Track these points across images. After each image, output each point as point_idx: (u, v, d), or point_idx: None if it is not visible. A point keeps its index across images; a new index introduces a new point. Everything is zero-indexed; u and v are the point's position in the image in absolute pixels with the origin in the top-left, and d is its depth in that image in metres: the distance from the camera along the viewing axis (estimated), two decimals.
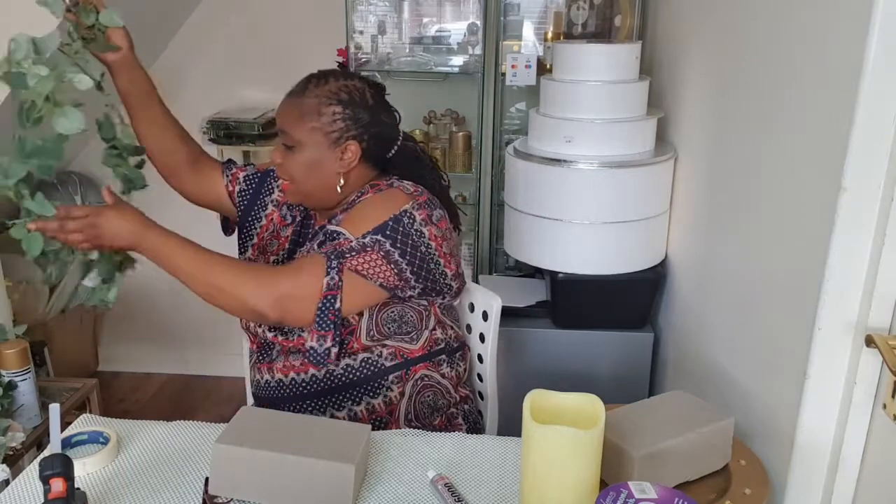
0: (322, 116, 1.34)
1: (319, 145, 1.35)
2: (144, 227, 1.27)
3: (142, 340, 3.27)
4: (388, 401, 1.40)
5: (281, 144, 1.39)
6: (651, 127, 1.99)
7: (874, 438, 1.12)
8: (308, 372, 1.37)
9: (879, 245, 1.06)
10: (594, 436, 0.97)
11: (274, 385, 1.40)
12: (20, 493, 1.11)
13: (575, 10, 2.51)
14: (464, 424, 1.50)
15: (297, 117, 1.36)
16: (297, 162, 1.36)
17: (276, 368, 1.40)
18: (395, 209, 1.33)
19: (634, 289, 2.02)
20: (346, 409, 1.38)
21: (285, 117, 1.38)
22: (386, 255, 1.30)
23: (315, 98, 1.35)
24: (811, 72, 1.20)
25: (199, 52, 2.93)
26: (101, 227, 1.24)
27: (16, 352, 1.84)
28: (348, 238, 1.31)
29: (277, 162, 1.39)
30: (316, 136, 1.35)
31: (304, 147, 1.35)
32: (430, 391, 1.45)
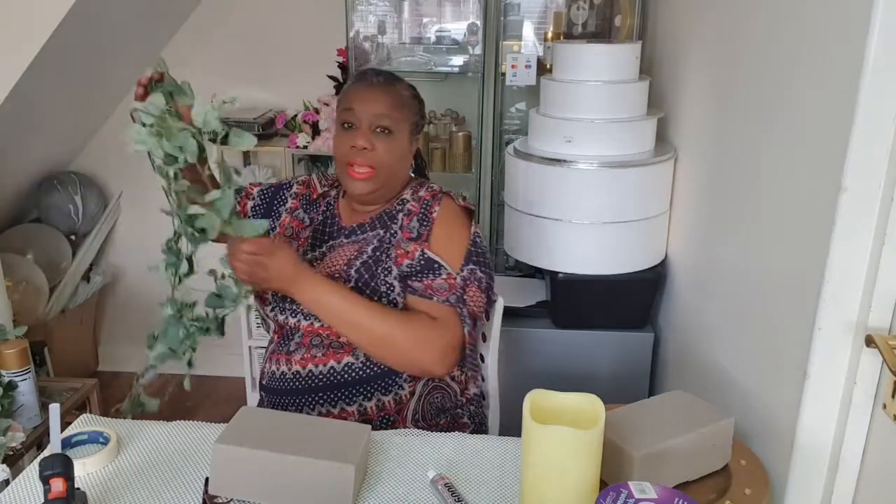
0: (412, 109, 1.45)
1: (407, 136, 1.44)
2: (309, 275, 1.30)
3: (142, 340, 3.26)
4: (398, 399, 1.40)
5: (367, 131, 1.39)
6: (651, 127, 1.99)
7: (874, 438, 1.12)
8: (327, 364, 1.38)
9: (879, 245, 1.06)
10: (594, 436, 0.97)
11: (290, 377, 1.40)
12: (20, 493, 1.11)
13: (575, 10, 2.51)
14: (470, 424, 1.51)
15: (398, 106, 1.42)
16: (389, 148, 1.40)
17: (294, 360, 1.40)
18: (468, 229, 1.43)
19: (634, 289, 2.02)
20: (356, 405, 1.38)
21: (385, 104, 1.40)
22: (479, 284, 1.39)
23: (407, 91, 1.45)
24: (811, 72, 1.20)
25: (199, 51, 2.93)
26: (268, 267, 1.25)
27: (16, 352, 1.84)
28: (452, 274, 1.37)
29: (365, 146, 1.38)
30: (407, 126, 1.44)
31: (398, 135, 1.41)
32: (440, 392, 1.46)
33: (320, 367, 1.38)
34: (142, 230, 3.15)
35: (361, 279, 1.37)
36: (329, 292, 1.30)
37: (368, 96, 1.40)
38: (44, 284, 2.81)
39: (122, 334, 3.28)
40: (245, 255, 1.23)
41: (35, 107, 2.45)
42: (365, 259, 1.40)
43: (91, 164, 3.06)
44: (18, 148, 2.62)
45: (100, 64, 2.61)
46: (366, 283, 1.37)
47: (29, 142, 2.66)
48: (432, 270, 1.37)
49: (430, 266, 1.37)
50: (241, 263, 1.24)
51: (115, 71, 2.81)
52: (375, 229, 1.44)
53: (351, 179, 1.40)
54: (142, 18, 2.63)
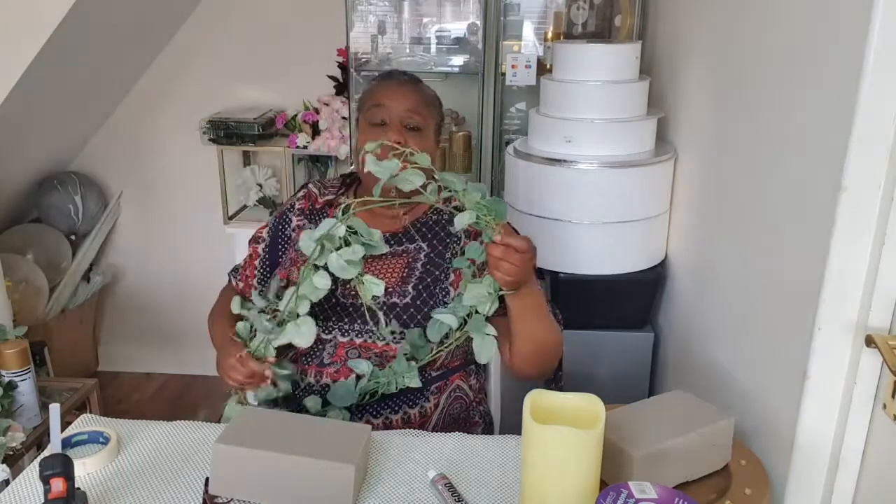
0: (438, 108, 1.46)
1: (433, 135, 1.43)
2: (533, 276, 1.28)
3: (142, 340, 3.27)
4: (423, 412, 1.38)
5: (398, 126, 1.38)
6: (651, 127, 1.99)
7: (874, 438, 1.12)
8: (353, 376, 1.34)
9: (879, 245, 1.06)
10: (594, 436, 0.97)
11: (318, 389, 1.36)
12: (20, 493, 1.11)
13: (575, 10, 2.51)
14: (481, 423, 1.50)
15: (428, 104, 1.42)
16: (421, 144, 1.37)
17: (326, 372, 1.35)
18: None
19: (634, 289, 2.02)
20: (382, 417, 1.37)
21: (414, 101, 1.40)
22: None
23: (431, 93, 1.46)
24: (811, 71, 1.20)
25: (199, 51, 2.93)
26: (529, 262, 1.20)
27: (16, 352, 1.84)
28: None
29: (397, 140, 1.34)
30: (433, 125, 1.43)
31: (426, 132, 1.41)
32: (459, 402, 1.44)
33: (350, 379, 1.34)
34: (142, 230, 3.15)
35: (420, 297, 1.35)
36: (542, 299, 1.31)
37: (399, 93, 1.40)
38: (44, 284, 2.81)
39: (122, 334, 3.28)
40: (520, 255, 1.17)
41: (35, 107, 2.45)
42: (420, 276, 1.37)
43: (91, 164, 3.07)
44: (18, 148, 2.62)
45: (100, 64, 2.61)
46: (424, 302, 1.34)
47: (29, 142, 2.66)
48: None
49: None
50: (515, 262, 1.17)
51: (116, 71, 2.81)
52: (416, 241, 1.40)
53: None
54: (142, 18, 2.63)
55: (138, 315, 3.24)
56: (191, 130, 2.88)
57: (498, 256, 1.18)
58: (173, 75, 2.97)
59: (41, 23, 2.11)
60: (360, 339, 1.35)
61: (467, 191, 1.20)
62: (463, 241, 1.40)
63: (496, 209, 1.19)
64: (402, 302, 1.35)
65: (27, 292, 2.76)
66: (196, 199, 3.05)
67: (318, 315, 1.36)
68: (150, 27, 2.76)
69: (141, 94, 2.99)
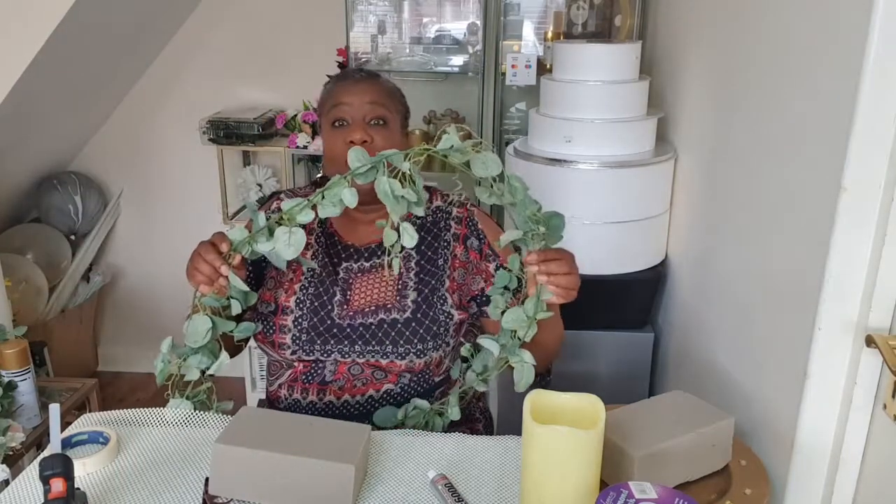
0: (401, 99, 1.41)
1: (399, 127, 1.39)
2: None
3: (142, 340, 3.26)
4: None
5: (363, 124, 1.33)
6: (651, 127, 1.99)
7: (874, 438, 1.12)
8: (366, 393, 1.33)
9: (879, 245, 1.06)
10: (594, 436, 0.97)
11: (321, 407, 1.34)
12: (20, 493, 1.11)
13: (575, 10, 2.51)
14: (481, 419, 1.50)
15: (389, 95, 1.38)
16: (387, 138, 1.33)
17: (329, 390, 1.34)
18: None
19: (634, 289, 2.02)
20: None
21: (377, 94, 1.36)
22: None
23: (390, 84, 1.41)
24: (811, 71, 1.20)
25: (198, 51, 2.93)
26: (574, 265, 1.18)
27: (16, 352, 1.84)
28: None
29: (363, 139, 1.31)
30: (399, 117, 1.39)
31: (392, 125, 1.36)
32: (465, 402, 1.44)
33: (357, 397, 1.33)
34: (142, 230, 3.15)
35: (419, 310, 1.33)
36: None
37: (357, 89, 1.35)
38: (44, 284, 2.81)
39: (122, 334, 3.28)
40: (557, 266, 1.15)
41: (35, 107, 2.45)
42: (415, 286, 1.34)
43: (91, 164, 3.07)
44: (18, 148, 2.62)
45: (100, 64, 2.61)
46: (424, 314, 1.32)
47: (29, 142, 2.66)
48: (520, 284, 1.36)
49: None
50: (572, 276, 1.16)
51: (116, 71, 2.81)
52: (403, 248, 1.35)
53: None
54: (142, 18, 2.63)
55: (138, 315, 3.24)
56: (191, 130, 2.88)
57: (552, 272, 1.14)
58: (173, 75, 2.97)
59: (41, 23, 2.11)
60: (361, 358, 1.32)
61: (524, 202, 1.13)
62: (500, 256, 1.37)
63: (552, 225, 1.13)
64: (402, 318, 1.32)
65: (27, 292, 2.76)
66: (196, 198, 3.05)
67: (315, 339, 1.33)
68: (150, 27, 2.76)
69: (141, 94, 2.99)
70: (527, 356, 1.21)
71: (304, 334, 1.33)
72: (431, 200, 1.42)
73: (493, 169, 1.14)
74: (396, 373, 1.33)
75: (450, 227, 1.39)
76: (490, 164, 1.13)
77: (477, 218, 1.41)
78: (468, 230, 1.39)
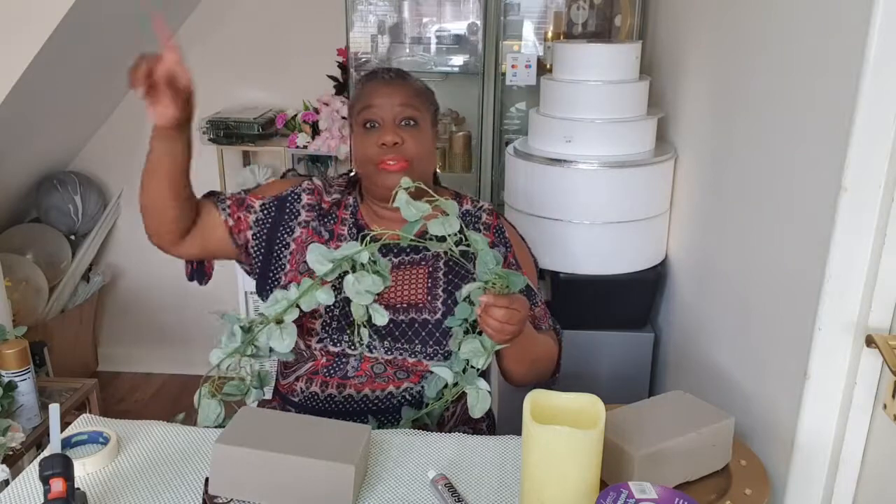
0: (430, 98, 1.42)
1: (430, 127, 1.40)
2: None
3: (142, 340, 3.27)
4: (441, 420, 1.38)
5: (394, 126, 1.34)
6: (651, 127, 1.99)
7: (874, 438, 1.12)
8: (386, 389, 1.33)
9: (879, 245, 1.06)
10: (594, 436, 0.97)
11: (340, 400, 1.34)
12: (20, 493, 1.11)
13: (575, 10, 2.51)
14: (485, 418, 1.49)
15: (420, 96, 1.39)
16: (418, 140, 1.35)
17: (350, 384, 1.34)
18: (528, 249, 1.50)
19: (634, 289, 2.02)
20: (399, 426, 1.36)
21: (405, 94, 1.36)
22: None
23: (420, 83, 1.42)
24: (812, 71, 1.20)
25: (198, 51, 2.93)
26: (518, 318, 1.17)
27: (16, 352, 1.84)
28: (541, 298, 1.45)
29: (395, 141, 1.32)
30: (429, 116, 1.40)
31: (423, 126, 1.37)
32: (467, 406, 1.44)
33: (377, 392, 1.34)
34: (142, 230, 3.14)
35: (451, 311, 1.32)
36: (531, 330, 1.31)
37: (387, 91, 1.35)
38: (44, 284, 2.81)
39: (122, 334, 3.28)
40: (502, 313, 1.15)
41: (35, 107, 2.45)
42: (444, 287, 1.35)
43: (91, 164, 3.07)
44: (18, 148, 2.62)
45: (100, 64, 2.61)
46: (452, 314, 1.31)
47: (29, 142, 2.66)
48: (531, 298, 1.37)
49: (529, 294, 1.36)
50: (497, 321, 1.16)
51: (116, 71, 2.81)
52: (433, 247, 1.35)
53: (386, 173, 1.32)
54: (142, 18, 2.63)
55: (138, 315, 3.24)
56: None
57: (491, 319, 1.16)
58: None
59: (41, 23, 2.11)
60: (389, 355, 1.33)
61: (484, 252, 1.17)
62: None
63: (511, 282, 1.16)
64: (433, 319, 1.32)
65: (27, 292, 2.76)
66: None
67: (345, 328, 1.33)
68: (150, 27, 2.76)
69: None
70: (482, 383, 1.25)
71: (335, 322, 1.33)
72: (461, 205, 1.45)
73: (452, 227, 1.18)
74: (420, 373, 1.34)
75: (479, 230, 1.40)
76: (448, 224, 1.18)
77: (504, 227, 1.45)
78: (496, 237, 1.42)
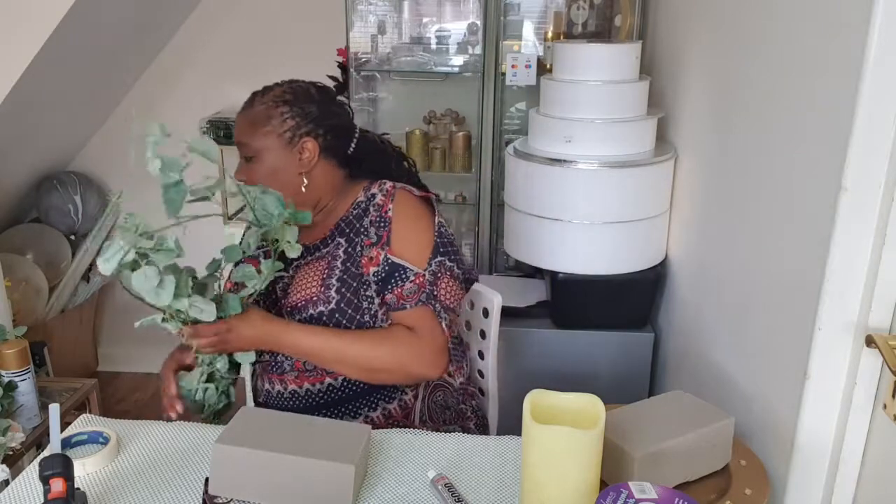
0: (272, 119, 1.36)
1: (276, 149, 1.37)
2: (272, 335, 1.30)
3: (142, 340, 3.25)
4: (403, 404, 1.40)
5: (241, 161, 1.41)
6: (651, 127, 1.99)
7: (874, 438, 1.12)
8: (324, 381, 1.36)
9: (879, 245, 1.06)
10: (594, 436, 0.97)
11: (287, 396, 1.39)
12: (20, 493, 1.11)
13: (575, 10, 2.51)
14: (473, 418, 1.51)
15: (250, 126, 1.38)
16: (258, 171, 1.37)
17: (287, 380, 1.38)
18: (432, 222, 1.39)
19: (634, 289, 2.02)
20: (362, 416, 1.38)
21: (240, 131, 1.39)
22: (451, 273, 1.37)
23: (262, 105, 1.38)
24: (811, 72, 1.20)
25: (198, 51, 2.93)
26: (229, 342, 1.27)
27: (16, 352, 1.83)
28: (419, 273, 1.34)
29: (241, 178, 1.38)
30: (270, 139, 1.36)
31: (263, 154, 1.37)
32: (441, 391, 1.45)
33: (317, 385, 1.37)
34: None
35: (344, 299, 1.34)
36: (305, 337, 1.30)
37: (235, 129, 1.41)
38: (44, 285, 2.81)
39: (122, 334, 3.28)
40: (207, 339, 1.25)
41: (35, 107, 2.45)
42: (339, 275, 1.36)
43: (91, 164, 3.06)
44: (18, 148, 2.62)
45: (100, 64, 2.61)
46: (348, 302, 1.33)
47: (29, 142, 2.66)
48: (399, 276, 1.33)
49: (394, 271, 1.33)
50: (205, 342, 1.25)
51: (115, 71, 2.81)
52: (336, 239, 1.39)
53: None
54: (142, 18, 2.63)
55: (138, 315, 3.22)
56: (191, 130, 2.87)
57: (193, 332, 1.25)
58: (173, 75, 2.97)
59: (41, 23, 2.11)
60: None
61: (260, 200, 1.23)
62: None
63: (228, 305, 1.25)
64: (326, 309, 1.33)
65: (27, 292, 2.75)
66: None
67: None
68: (150, 27, 2.76)
69: (141, 94, 2.99)
70: None
71: None
72: (370, 189, 1.42)
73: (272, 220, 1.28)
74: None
75: (369, 212, 1.39)
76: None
77: (392, 206, 1.38)
78: (376, 215, 1.38)
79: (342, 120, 1.43)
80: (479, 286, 1.67)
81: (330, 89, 1.44)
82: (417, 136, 2.65)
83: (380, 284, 1.34)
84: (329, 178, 1.41)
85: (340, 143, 1.42)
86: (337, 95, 1.45)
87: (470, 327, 1.69)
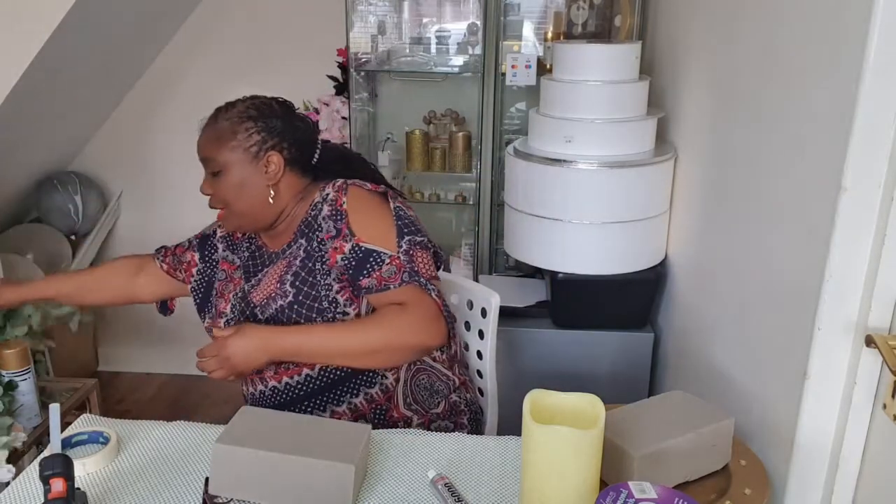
0: (238, 134, 1.38)
1: (242, 163, 1.39)
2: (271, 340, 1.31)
3: (142, 340, 3.27)
4: (384, 388, 1.40)
5: (208, 176, 1.43)
6: (651, 127, 1.99)
7: (874, 438, 1.12)
8: (301, 373, 1.37)
9: (879, 245, 1.06)
10: (594, 436, 0.97)
11: (269, 394, 1.41)
12: (20, 493, 1.11)
13: (575, 10, 2.51)
14: (467, 413, 1.52)
15: (216, 142, 1.40)
16: (225, 185, 1.39)
17: (267, 377, 1.40)
18: (387, 207, 1.41)
19: (634, 289, 2.02)
20: (345, 403, 1.39)
21: (205, 146, 1.42)
22: (423, 246, 1.38)
23: (227, 121, 1.40)
24: (811, 72, 1.20)
25: (198, 51, 2.93)
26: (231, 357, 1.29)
27: (16, 352, 1.84)
28: (393, 255, 1.35)
29: (208, 192, 1.42)
30: (237, 154, 1.38)
31: (229, 169, 1.39)
32: (425, 374, 1.46)
33: (295, 377, 1.38)
34: (142, 230, 3.15)
35: (301, 292, 1.36)
36: (305, 335, 1.32)
37: (199, 144, 1.44)
38: None
39: (122, 334, 3.28)
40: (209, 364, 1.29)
41: (35, 107, 2.45)
42: (295, 270, 1.38)
43: (91, 164, 3.06)
44: (18, 148, 2.62)
45: (100, 64, 2.61)
46: (306, 295, 1.35)
47: (29, 142, 2.65)
48: (375, 260, 1.34)
49: (368, 257, 1.35)
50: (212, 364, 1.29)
51: (115, 71, 2.81)
52: (298, 241, 1.42)
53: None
54: (142, 18, 2.63)
55: (138, 315, 3.24)
56: (191, 130, 2.86)
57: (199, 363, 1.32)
58: (173, 75, 2.97)
59: (41, 23, 2.11)
60: None
61: None
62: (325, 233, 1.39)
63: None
64: (285, 302, 1.36)
65: None
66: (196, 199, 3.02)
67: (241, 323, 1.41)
68: (150, 27, 2.76)
69: (141, 94, 2.99)
70: None
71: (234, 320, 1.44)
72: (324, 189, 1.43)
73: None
74: None
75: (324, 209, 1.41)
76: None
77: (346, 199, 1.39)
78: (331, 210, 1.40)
79: (305, 133, 1.46)
80: (477, 286, 1.68)
81: (291, 104, 1.47)
82: (417, 136, 2.65)
83: (352, 271, 1.35)
84: (294, 188, 1.44)
85: (304, 155, 1.45)
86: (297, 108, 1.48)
87: (468, 328, 1.69)
